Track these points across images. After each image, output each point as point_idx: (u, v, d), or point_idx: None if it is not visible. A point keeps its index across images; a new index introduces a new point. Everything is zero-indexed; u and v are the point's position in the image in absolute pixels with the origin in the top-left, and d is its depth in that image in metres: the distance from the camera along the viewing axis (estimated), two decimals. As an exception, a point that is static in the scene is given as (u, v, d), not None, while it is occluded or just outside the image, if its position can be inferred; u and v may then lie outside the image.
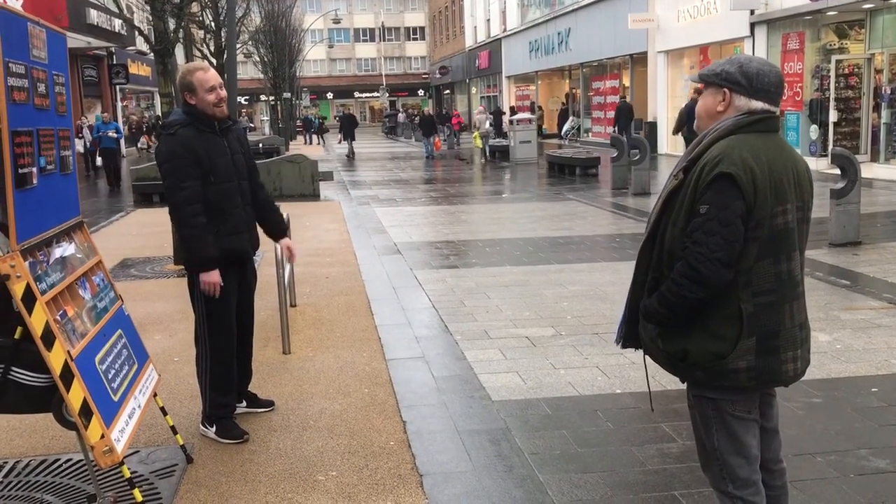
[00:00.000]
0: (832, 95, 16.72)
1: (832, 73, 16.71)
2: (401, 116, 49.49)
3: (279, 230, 4.56)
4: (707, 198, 2.42)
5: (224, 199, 4.06)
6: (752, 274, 2.46)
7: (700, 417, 2.64)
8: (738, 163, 2.40)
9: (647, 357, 2.74)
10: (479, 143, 27.45)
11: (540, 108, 37.53)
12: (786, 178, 2.49)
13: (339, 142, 35.54)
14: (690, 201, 2.47)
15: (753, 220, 2.42)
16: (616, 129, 25.41)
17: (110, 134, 19.40)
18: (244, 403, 4.53)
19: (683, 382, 2.68)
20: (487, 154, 25.92)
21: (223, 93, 4.07)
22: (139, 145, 32.12)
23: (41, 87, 3.31)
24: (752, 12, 18.78)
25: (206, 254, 3.99)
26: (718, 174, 2.41)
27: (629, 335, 2.78)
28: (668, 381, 4.82)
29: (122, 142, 21.02)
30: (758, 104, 2.51)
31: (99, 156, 20.13)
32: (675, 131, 15.76)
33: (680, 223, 2.50)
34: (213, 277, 4.00)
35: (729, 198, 2.40)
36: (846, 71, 16.83)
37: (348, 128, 31.33)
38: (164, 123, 4.21)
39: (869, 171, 14.87)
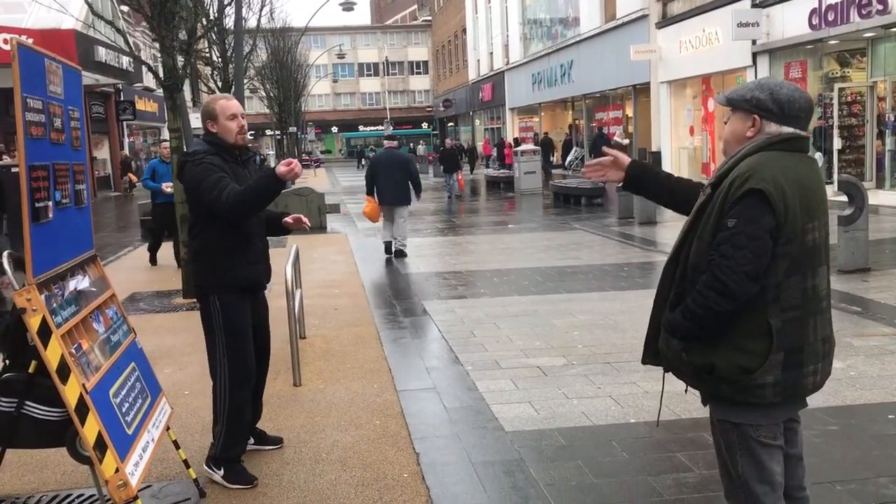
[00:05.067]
0: (836, 123, 16.79)
1: (835, 101, 16.79)
2: (420, 149, 49.29)
3: (281, 220, 4.32)
4: (736, 212, 2.43)
5: (251, 226, 4.06)
6: (781, 289, 2.46)
7: (724, 443, 2.62)
8: (768, 179, 2.42)
9: (666, 374, 2.72)
10: None
11: (546, 134, 37.59)
12: (814, 195, 2.50)
13: None
14: (718, 215, 2.48)
15: (783, 237, 2.43)
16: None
17: (165, 189, 10.78)
18: (252, 441, 4.41)
19: (705, 405, 2.66)
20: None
21: (244, 121, 4.10)
22: (123, 181, 32.10)
23: (57, 122, 3.35)
24: (753, 42, 18.93)
25: (267, 179, 3.78)
26: (748, 190, 2.42)
27: (649, 351, 2.76)
28: (682, 410, 4.78)
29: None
30: (788, 129, 2.53)
31: (149, 216, 12.49)
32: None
33: (706, 237, 2.51)
34: (282, 169, 3.75)
35: (758, 212, 2.40)
36: (849, 99, 16.90)
37: None
38: (187, 153, 4.16)
39: (875, 197, 14.87)
